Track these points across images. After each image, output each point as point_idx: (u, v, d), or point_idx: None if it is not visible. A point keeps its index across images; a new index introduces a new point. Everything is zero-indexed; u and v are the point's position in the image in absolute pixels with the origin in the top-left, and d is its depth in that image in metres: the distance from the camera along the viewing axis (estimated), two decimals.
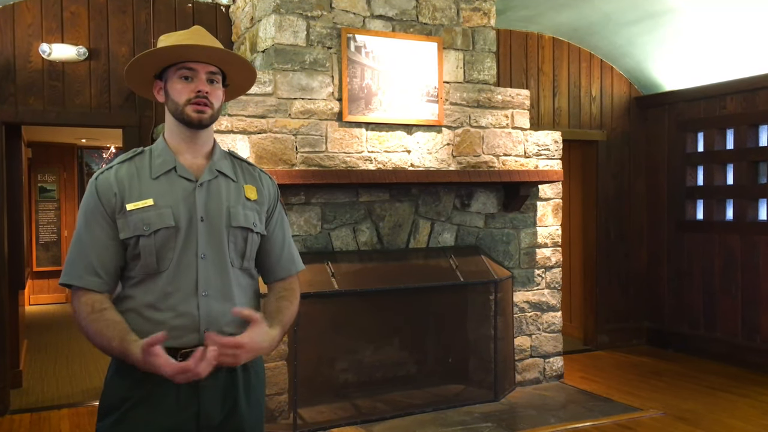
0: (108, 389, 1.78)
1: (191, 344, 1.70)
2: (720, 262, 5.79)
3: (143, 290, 1.73)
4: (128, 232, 1.72)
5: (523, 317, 4.96)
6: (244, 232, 1.81)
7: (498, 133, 4.82)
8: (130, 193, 1.75)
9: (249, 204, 1.84)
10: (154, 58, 1.80)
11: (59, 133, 8.46)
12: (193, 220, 1.75)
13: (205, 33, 1.83)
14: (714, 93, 5.77)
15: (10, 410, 4.53)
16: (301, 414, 4.12)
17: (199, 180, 1.79)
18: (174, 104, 1.79)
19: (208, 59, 1.80)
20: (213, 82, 1.81)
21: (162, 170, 1.78)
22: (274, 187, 1.96)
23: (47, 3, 4.51)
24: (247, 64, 1.88)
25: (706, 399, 4.70)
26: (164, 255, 1.73)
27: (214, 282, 1.75)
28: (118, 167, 1.79)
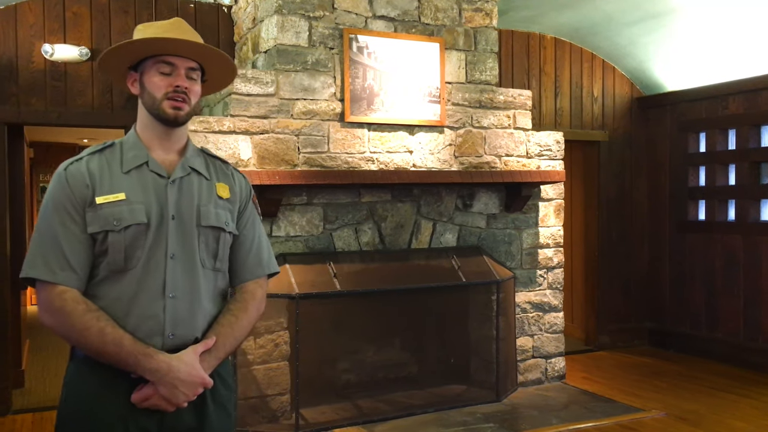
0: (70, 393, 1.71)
1: (155, 347, 1.65)
2: (722, 262, 5.78)
3: (107, 289, 1.66)
4: (97, 226, 1.65)
5: (525, 318, 4.96)
6: (216, 232, 1.76)
7: (500, 133, 4.81)
8: (101, 185, 1.68)
9: (221, 203, 1.79)
10: (134, 49, 1.73)
11: (61, 134, 8.46)
12: (164, 218, 1.69)
13: (186, 26, 1.78)
14: (716, 93, 5.77)
15: (12, 410, 4.54)
16: (303, 414, 4.12)
17: (171, 177, 1.74)
18: (150, 98, 1.73)
19: (190, 54, 1.74)
20: (191, 78, 1.76)
21: (133, 164, 1.72)
22: (247, 186, 1.90)
23: (49, 3, 4.51)
24: (228, 60, 1.83)
25: (708, 399, 4.70)
26: (133, 253, 1.66)
27: (182, 283, 1.69)
28: (89, 158, 1.72)
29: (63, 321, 1.62)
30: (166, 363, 1.62)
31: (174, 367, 1.62)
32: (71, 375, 1.71)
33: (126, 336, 1.61)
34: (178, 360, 1.64)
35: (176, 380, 1.62)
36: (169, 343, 1.67)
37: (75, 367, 1.70)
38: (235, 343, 1.78)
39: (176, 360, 1.64)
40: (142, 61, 1.75)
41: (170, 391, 1.62)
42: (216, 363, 1.72)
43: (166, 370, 1.62)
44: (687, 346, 6.04)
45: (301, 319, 4.01)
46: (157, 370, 1.61)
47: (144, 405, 1.64)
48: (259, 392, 4.07)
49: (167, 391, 1.62)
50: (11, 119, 4.48)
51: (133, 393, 1.64)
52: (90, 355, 1.64)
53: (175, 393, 1.63)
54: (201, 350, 1.68)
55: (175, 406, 1.65)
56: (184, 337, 1.69)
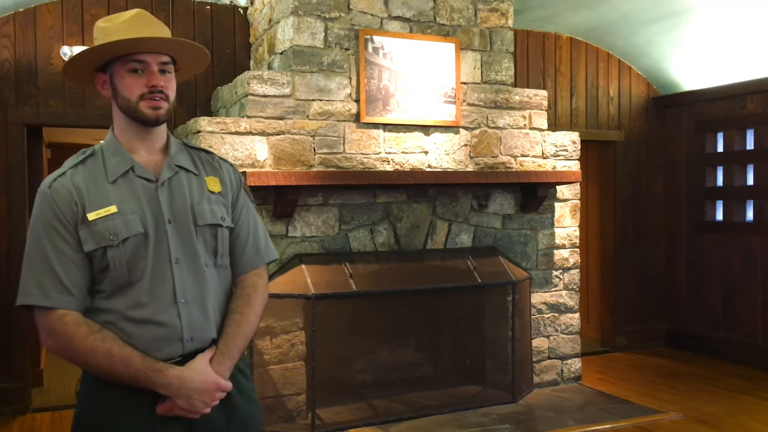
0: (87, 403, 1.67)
1: (175, 354, 1.63)
2: (740, 263, 5.73)
3: (117, 303, 1.61)
4: (93, 243, 1.59)
5: (540, 318, 4.94)
6: (213, 229, 1.71)
7: (515, 133, 4.80)
8: (90, 200, 1.61)
9: (213, 197, 1.73)
10: (99, 54, 1.64)
11: (77, 135, 8.50)
12: (160, 224, 1.64)
13: (150, 19, 1.68)
14: (734, 93, 5.72)
15: (31, 409, 4.59)
16: (319, 414, 4.13)
17: (159, 179, 1.68)
18: (125, 100, 1.64)
19: (159, 49, 1.65)
20: (165, 72, 1.67)
21: (119, 172, 1.65)
22: (236, 175, 1.84)
23: (68, 6, 4.56)
24: (199, 49, 1.75)
25: (726, 401, 4.66)
26: (135, 264, 1.60)
27: (191, 287, 1.66)
28: (72, 172, 1.65)
29: (66, 345, 1.58)
30: (177, 377, 1.59)
31: (186, 378, 1.60)
32: (88, 388, 1.67)
33: (134, 354, 1.57)
34: (189, 370, 1.61)
35: (191, 391, 1.60)
36: (189, 348, 1.65)
37: (92, 379, 1.65)
38: (246, 340, 1.75)
39: (188, 371, 1.61)
40: (110, 62, 1.66)
41: (187, 402, 1.60)
42: (232, 364, 1.70)
43: (178, 384, 1.59)
44: (704, 348, 5.99)
45: (317, 319, 4.02)
46: (170, 385, 1.59)
47: (170, 414, 1.62)
48: (275, 392, 4.09)
49: (184, 402, 1.60)
50: (30, 120, 4.53)
51: (157, 405, 1.61)
52: (100, 377, 1.61)
53: (192, 403, 1.61)
54: (209, 356, 1.66)
55: (197, 414, 1.63)
56: (202, 340, 1.68)
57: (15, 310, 4.49)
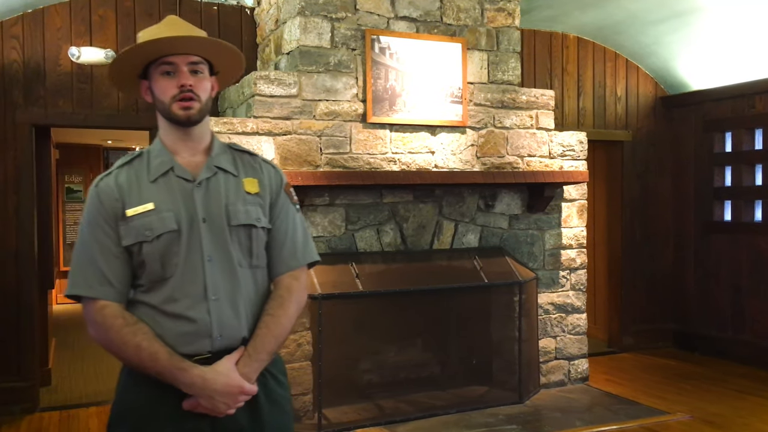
0: (122, 394, 1.72)
1: (203, 350, 1.66)
2: (748, 263, 5.70)
3: (152, 297, 1.67)
4: (131, 238, 1.66)
5: (547, 319, 4.93)
6: (247, 230, 1.72)
7: (522, 133, 4.79)
8: (130, 198, 1.68)
9: (250, 198, 1.75)
10: (131, 58, 1.71)
11: (86, 135, 8.57)
12: (194, 222, 1.68)
13: (179, 22, 1.73)
14: (742, 92, 5.69)
15: (39, 408, 4.61)
16: (326, 414, 4.14)
17: (196, 179, 1.72)
18: (161, 103, 1.70)
19: (186, 49, 1.69)
20: (197, 73, 1.71)
21: (159, 172, 1.71)
22: (278, 176, 1.84)
23: (76, 7, 4.58)
24: (229, 47, 1.77)
25: (734, 402, 4.63)
26: (169, 260, 1.66)
27: (222, 285, 1.68)
28: (118, 172, 1.72)
29: (103, 336, 1.65)
30: (200, 377, 1.62)
31: (209, 379, 1.62)
32: (124, 378, 1.72)
33: (162, 350, 1.61)
34: (213, 372, 1.63)
35: (213, 392, 1.62)
36: (218, 345, 1.67)
37: (128, 372, 1.71)
38: (277, 343, 1.74)
39: (211, 372, 1.63)
40: (148, 68, 1.72)
41: (209, 402, 1.63)
42: (259, 367, 1.70)
43: (201, 385, 1.62)
44: (712, 348, 5.97)
45: (323, 319, 4.02)
46: (193, 384, 1.62)
47: (195, 411, 1.65)
48: None
49: (207, 402, 1.63)
50: (39, 121, 4.55)
51: (184, 401, 1.65)
52: (131, 368, 1.67)
53: (214, 404, 1.63)
54: (236, 358, 1.67)
55: (221, 414, 1.65)
56: (231, 338, 1.69)
57: (24, 310, 4.52)
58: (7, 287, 4.51)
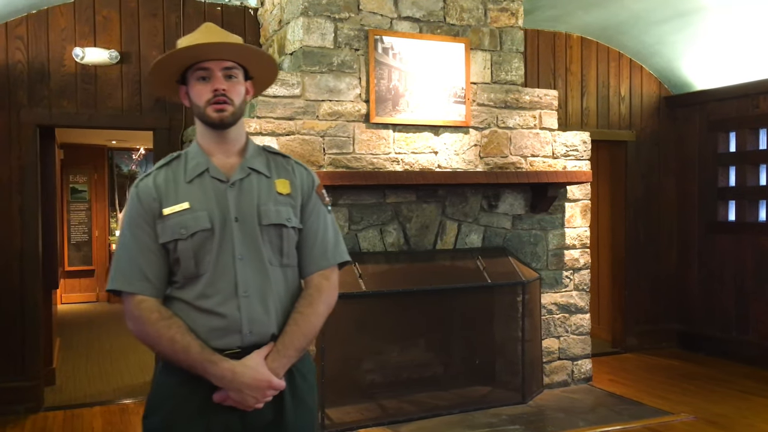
0: (156, 386, 1.80)
1: (233, 345, 1.72)
2: (752, 264, 5.69)
3: (186, 293, 1.74)
4: (167, 236, 1.74)
5: (550, 319, 4.93)
6: (278, 229, 1.78)
7: (525, 133, 4.79)
8: (167, 197, 1.76)
9: (281, 199, 1.81)
10: (169, 64, 1.79)
11: (90, 135, 8.60)
12: (227, 221, 1.75)
13: (215, 29, 1.80)
14: (746, 92, 5.68)
15: (43, 407, 4.62)
16: (329, 414, 4.14)
17: (230, 180, 1.78)
18: (196, 107, 1.79)
19: (218, 55, 1.76)
20: (231, 78, 1.78)
21: (195, 173, 1.78)
22: (309, 178, 1.90)
23: (80, 7, 4.59)
24: (262, 54, 1.84)
25: (738, 403, 4.62)
26: (202, 258, 1.73)
27: (253, 282, 1.74)
28: (156, 173, 1.80)
29: (140, 329, 1.72)
30: (230, 370, 1.68)
31: (239, 373, 1.68)
32: (160, 370, 1.80)
33: (194, 343, 1.68)
34: (242, 366, 1.69)
35: (242, 385, 1.68)
36: (248, 341, 1.73)
37: (162, 365, 1.79)
38: (305, 340, 1.79)
39: (240, 366, 1.69)
40: (186, 74, 1.80)
41: (238, 395, 1.69)
42: (287, 363, 1.75)
43: (230, 377, 1.67)
44: (717, 349, 5.95)
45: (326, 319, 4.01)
46: (223, 377, 1.68)
47: (225, 403, 1.71)
48: None
49: (236, 395, 1.69)
50: (43, 121, 4.57)
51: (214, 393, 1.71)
52: (167, 361, 1.74)
53: (243, 397, 1.69)
54: (265, 353, 1.73)
55: (248, 408, 1.71)
56: (261, 334, 1.74)
57: (28, 310, 4.54)
58: (11, 287, 4.52)
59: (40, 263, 4.66)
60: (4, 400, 4.48)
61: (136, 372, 5.61)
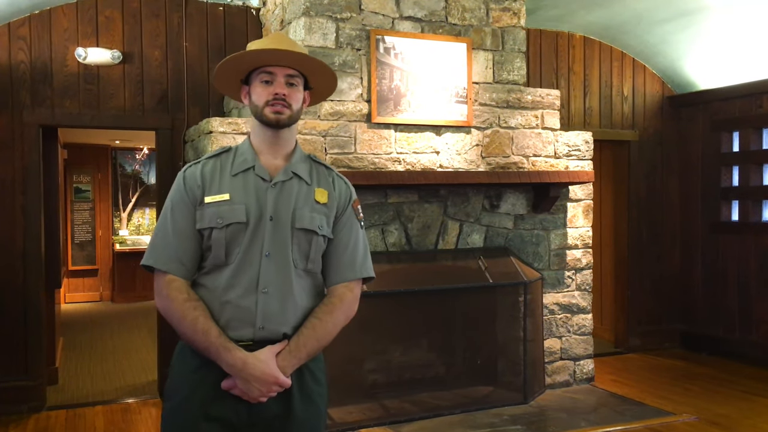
0: (173, 373, 1.88)
1: (246, 337, 1.78)
2: (756, 264, 5.67)
3: (211, 280, 1.82)
4: (204, 223, 1.81)
5: (552, 319, 4.92)
6: (308, 235, 1.84)
7: (528, 133, 4.78)
8: (211, 187, 1.84)
9: (318, 207, 1.88)
10: (236, 64, 1.89)
11: (94, 135, 8.61)
12: (262, 219, 1.82)
13: (284, 38, 1.90)
14: (750, 92, 5.66)
15: (46, 406, 4.64)
16: (331, 414, 4.14)
17: (273, 180, 1.86)
18: (254, 106, 1.88)
19: (286, 63, 1.86)
20: (292, 85, 1.88)
21: (241, 168, 1.87)
22: (347, 192, 1.97)
23: (83, 8, 4.60)
24: (324, 66, 1.93)
25: (741, 404, 4.61)
26: (232, 249, 1.80)
27: (275, 280, 1.80)
28: (205, 162, 1.90)
29: (167, 306, 1.80)
30: (241, 360, 1.74)
31: (249, 364, 1.74)
32: (178, 353, 1.88)
33: (214, 328, 1.76)
34: (254, 358, 1.75)
35: (250, 377, 1.74)
36: (259, 335, 1.79)
37: (181, 347, 1.87)
38: (318, 346, 1.84)
39: (252, 358, 1.75)
40: (250, 75, 1.90)
41: (245, 385, 1.75)
42: (296, 363, 1.80)
43: (240, 366, 1.74)
44: (720, 349, 5.94)
45: None
46: (234, 365, 1.74)
47: (231, 391, 1.78)
48: None
49: (243, 385, 1.75)
50: (46, 121, 4.58)
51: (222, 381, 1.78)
52: (184, 340, 1.82)
53: (249, 388, 1.75)
54: (278, 350, 1.78)
55: (252, 400, 1.77)
56: (273, 331, 1.80)
57: (31, 309, 4.55)
58: (14, 286, 4.54)
59: (43, 263, 4.67)
60: (7, 400, 4.49)
61: (139, 371, 5.62)
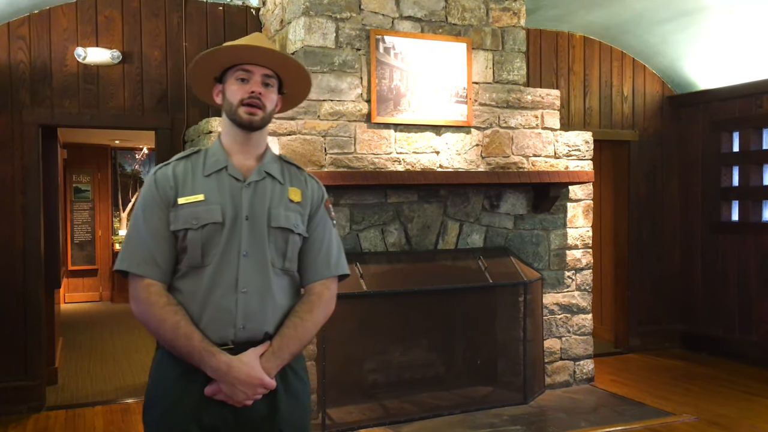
0: (154, 381, 1.84)
1: (227, 338, 1.76)
2: (756, 264, 5.67)
3: (187, 283, 1.78)
4: (178, 224, 1.78)
5: (552, 319, 4.92)
6: (285, 233, 1.84)
7: (527, 133, 4.78)
8: (184, 188, 1.82)
9: (292, 206, 1.87)
10: (213, 60, 1.86)
11: (93, 135, 8.61)
12: (238, 219, 1.80)
13: (263, 38, 1.89)
14: (750, 92, 5.66)
15: (46, 407, 4.63)
16: (330, 414, 4.14)
17: (246, 180, 1.84)
18: (229, 104, 1.85)
19: (264, 62, 1.84)
20: (268, 86, 1.86)
21: (214, 169, 1.84)
22: (320, 191, 1.97)
23: (82, 8, 4.60)
24: (302, 69, 1.92)
25: (740, 404, 4.61)
26: (209, 250, 1.78)
27: (254, 280, 1.79)
28: (176, 164, 1.86)
29: (145, 311, 1.75)
30: (226, 363, 1.72)
31: (234, 367, 1.72)
32: (157, 362, 1.83)
33: (196, 333, 1.73)
34: (238, 361, 1.73)
35: (235, 380, 1.72)
36: (240, 335, 1.77)
37: (161, 355, 1.82)
38: (300, 345, 1.84)
39: (236, 361, 1.73)
40: (225, 73, 1.87)
41: (230, 389, 1.73)
42: (280, 364, 1.79)
43: (225, 370, 1.71)
44: (720, 349, 5.93)
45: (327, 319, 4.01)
46: (218, 369, 1.71)
47: (215, 397, 1.75)
48: None
49: (228, 389, 1.73)
50: (45, 121, 4.58)
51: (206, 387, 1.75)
52: (164, 346, 1.78)
53: (234, 392, 1.73)
54: (261, 352, 1.77)
55: (238, 404, 1.74)
56: (254, 330, 1.78)
57: (31, 309, 4.55)
58: (14, 286, 4.53)
59: (43, 263, 4.67)
60: (7, 400, 4.49)
61: (139, 372, 5.62)
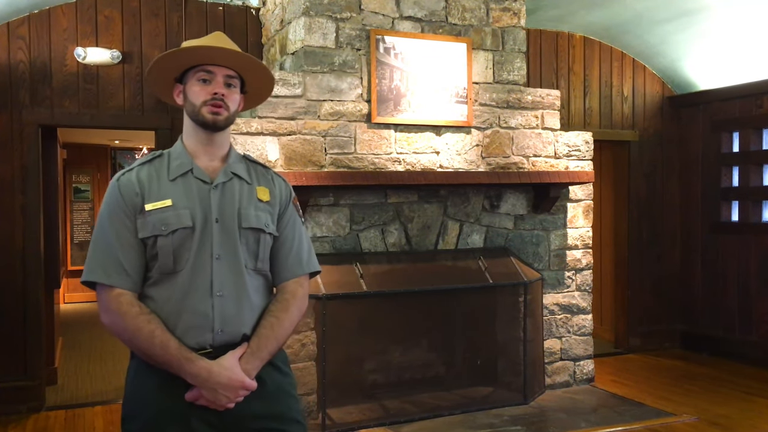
0: (132, 391, 1.79)
1: (205, 343, 1.74)
2: (756, 264, 5.67)
3: (160, 290, 1.75)
4: (147, 231, 1.74)
5: (552, 320, 4.92)
6: (256, 233, 1.83)
7: (528, 133, 4.78)
8: (150, 193, 1.77)
9: (261, 205, 1.86)
10: (174, 60, 1.83)
11: (93, 135, 8.61)
12: (208, 221, 1.77)
13: (224, 38, 1.86)
14: (750, 92, 5.66)
15: (45, 407, 4.63)
16: (330, 414, 4.14)
17: (214, 182, 1.82)
18: (191, 106, 1.82)
19: (226, 62, 1.82)
20: (230, 86, 1.84)
21: (179, 172, 1.81)
22: (287, 189, 1.97)
23: (82, 7, 4.60)
24: (265, 69, 1.90)
25: (741, 404, 4.60)
26: (181, 255, 1.75)
27: (228, 282, 1.77)
28: (139, 169, 1.82)
29: (117, 322, 1.71)
30: (206, 369, 1.70)
31: (214, 372, 1.70)
32: (133, 373, 1.79)
33: (173, 340, 1.70)
34: (218, 365, 1.71)
35: (217, 385, 1.70)
36: (219, 339, 1.75)
37: (137, 365, 1.78)
38: (277, 344, 1.83)
39: (216, 366, 1.71)
40: (186, 74, 1.84)
41: (212, 394, 1.71)
42: (260, 364, 1.78)
43: (206, 376, 1.69)
44: (720, 349, 5.93)
45: (327, 319, 4.02)
46: (198, 375, 1.69)
47: (197, 402, 1.73)
48: None
49: (209, 394, 1.71)
50: (45, 121, 4.57)
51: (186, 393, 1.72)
52: (140, 356, 1.74)
53: (216, 396, 1.71)
54: (239, 354, 1.76)
55: (219, 407, 1.73)
56: (232, 333, 1.77)
57: (30, 309, 4.54)
58: (13, 286, 4.53)
59: (42, 263, 4.66)
60: (6, 400, 4.48)
61: None
